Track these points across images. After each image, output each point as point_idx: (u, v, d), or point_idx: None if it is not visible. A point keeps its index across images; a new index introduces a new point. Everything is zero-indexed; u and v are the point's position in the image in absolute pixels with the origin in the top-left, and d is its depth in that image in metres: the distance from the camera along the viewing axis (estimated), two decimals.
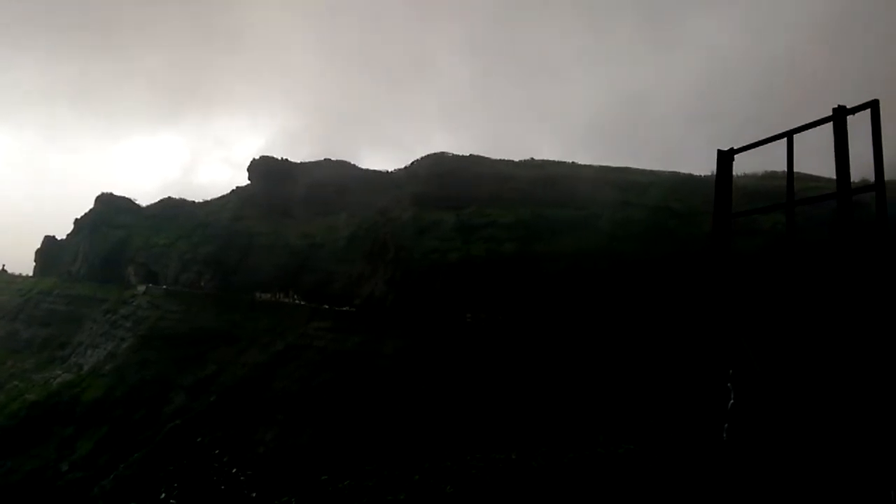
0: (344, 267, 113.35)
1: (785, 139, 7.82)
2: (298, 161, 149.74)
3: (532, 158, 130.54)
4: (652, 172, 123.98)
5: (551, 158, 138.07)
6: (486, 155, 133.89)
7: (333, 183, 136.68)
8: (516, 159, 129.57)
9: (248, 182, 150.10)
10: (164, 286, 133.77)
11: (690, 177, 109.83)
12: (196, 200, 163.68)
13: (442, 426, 75.46)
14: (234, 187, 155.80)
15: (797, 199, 8.14)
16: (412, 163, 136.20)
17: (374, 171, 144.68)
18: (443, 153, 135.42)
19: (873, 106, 6.94)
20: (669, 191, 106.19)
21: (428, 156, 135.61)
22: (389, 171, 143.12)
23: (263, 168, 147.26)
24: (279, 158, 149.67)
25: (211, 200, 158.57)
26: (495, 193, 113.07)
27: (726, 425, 11.49)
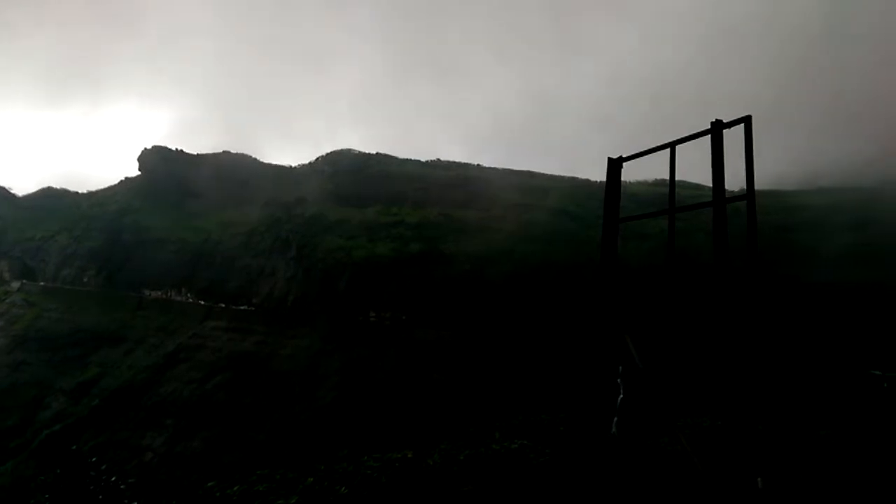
0: (242, 264, 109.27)
1: (669, 149, 8.39)
2: (195, 152, 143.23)
3: (439, 159, 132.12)
4: (553, 177, 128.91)
5: (458, 160, 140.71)
6: (394, 153, 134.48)
7: (232, 176, 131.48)
8: (423, 159, 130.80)
9: (139, 173, 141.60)
10: (42, 283, 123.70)
11: (588, 182, 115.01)
12: (80, 191, 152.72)
13: (341, 427, 74.51)
14: (123, 178, 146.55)
15: (678, 206, 8.69)
16: (317, 158, 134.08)
17: (277, 166, 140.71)
18: (349, 150, 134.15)
19: (746, 121, 7.55)
20: (569, 195, 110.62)
21: (334, 152, 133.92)
22: (293, 165, 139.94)
23: (156, 158, 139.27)
24: (173, 149, 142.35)
25: (97, 191, 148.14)
26: (402, 192, 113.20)
27: (616, 419, 12.07)
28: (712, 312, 7.46)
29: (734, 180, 7.93)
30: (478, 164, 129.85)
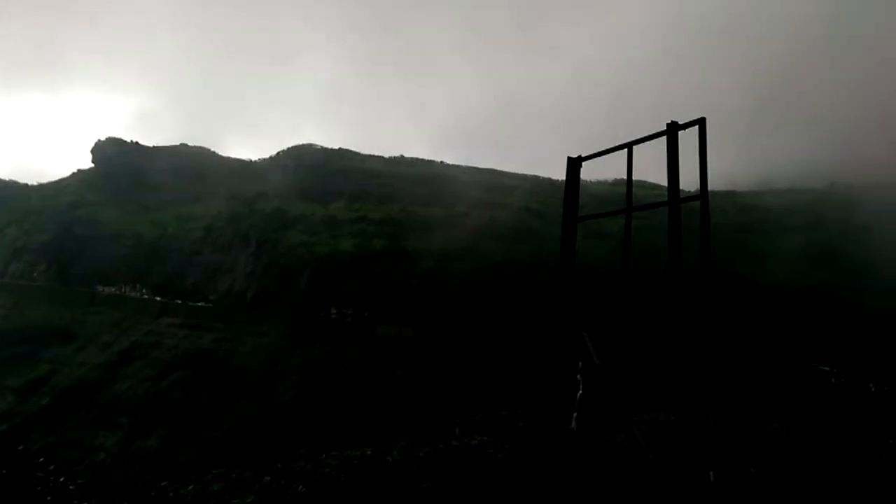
0: (200, 259, 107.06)
1: (627, 149, 8.55)
2: (151, 145, 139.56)
3: (403, 156, 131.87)
4: (517, 175, 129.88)
5: (422, 157, 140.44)
6: (357, 149, 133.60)
7: (191, 170, 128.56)
8: (387, 155, 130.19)
9: (93, 165, 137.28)
10: None
11: (551, 181, 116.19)
12: (30, 183, 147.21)
13: (301, 425, 73.79)
14: (76, 170, 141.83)
15: (635, 205, 8.86)
16: (278, 153, 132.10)
17: (237, 160, 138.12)
18: (311, 145, 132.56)
19: (701, 123, 7.75)
20: (532, 193, 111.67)
21: (296, 146, 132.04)
22: (253, 160, 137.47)
23: (111, 150, 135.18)
24: (129, 141, 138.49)
25: (48, 183, 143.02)
26: (366, 189, 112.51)
27: (575, 415, 12.24)
28: (667, 310, 7.62)
29: (693, 180, 8.13)
30: (442, 162, 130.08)
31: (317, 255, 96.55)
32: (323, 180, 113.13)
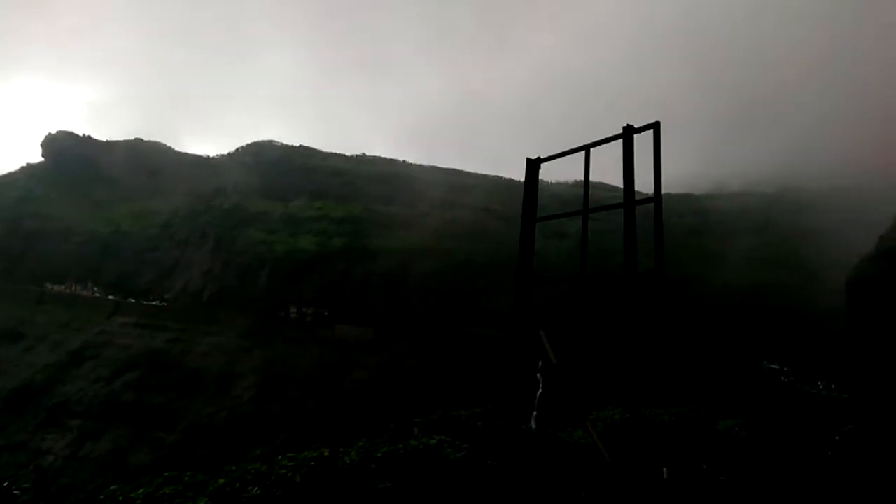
0: (155, 257, 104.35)
1: (584, 152, 8.69)
2: (105, 139, 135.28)
3: (364, 154, 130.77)
4: (478, 175, 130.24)
5: (383, 155, 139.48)
6: (318, 147, 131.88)
7: (146, 165, 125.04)
8: (349, 153, 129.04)
9: (43, 159, 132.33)
10: None
11: (511, 181, 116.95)
12: None
13: (259, 426, 72.70)
14: (25, 164, 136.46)
15: (593, 206, 9.00)
16: (237, 149, 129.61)
17: (194, 156, 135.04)
18: (271, 141, 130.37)
19: (655, 127, 7.91)
20: (493, 194, 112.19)
21: (256, 143, 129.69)
22: (211, 156, 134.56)
23: (62, 144, 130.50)
24: (81, 135, 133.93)
25: None
26: (326, 187, 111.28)
27: (535, 414, 12.36)
28: (622, 310, 7.76)
29: (652, 182, 8.27)
30: (404, 161, 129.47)
31: (276, 254, 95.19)
32: (283, 177, 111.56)
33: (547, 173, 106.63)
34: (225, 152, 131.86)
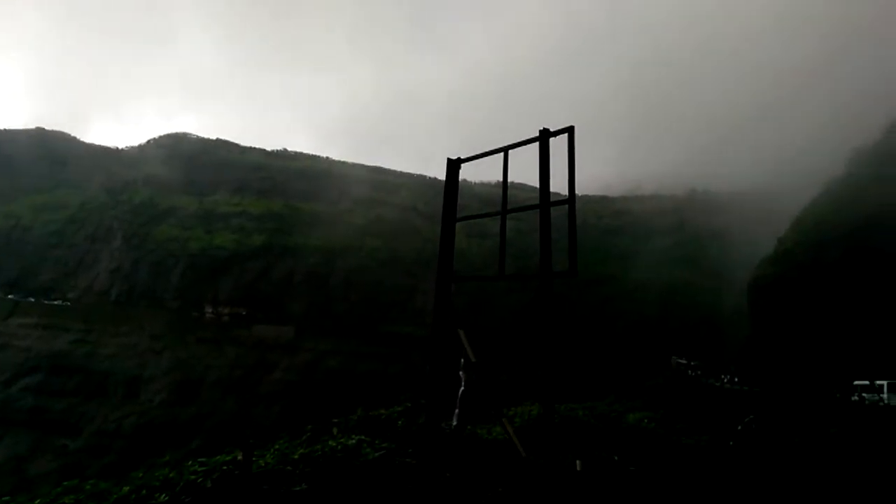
0: (57, 254, 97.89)
1: (503, 153, 8.86)
2: (2, 128, 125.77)
3: (286, 149, 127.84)
4: (403, 174, 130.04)
5: (305, 151, 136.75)
6: (236, 140, 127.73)
7: (49, 156, 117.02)
8: (269, 148, 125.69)
9: None
10: None
11: (436, 180, 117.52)
12: None
13: (170, 431, 69.80)
14: None
15: (511, 207, 9.20)
16: (149, 141, 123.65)
17: (102, 147, 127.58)
18: (185, 134, 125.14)
19: (570, 131, 8.17)
20: (418, 192, 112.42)
21: (169, 135, 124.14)
22: (121, 147, 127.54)
23: None
24: None
25: None
26: (244, 182, 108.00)
27: (456, 411, 12.47)
28: (538, 308, 7.95)
29: (580, 182, 8.50)
30: (327, 157, 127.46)
31: (190, 251, 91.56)
32: (199, 171, 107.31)
33: (471, 174, 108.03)
34: (136, 144, 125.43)
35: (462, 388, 13.62)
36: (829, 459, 19.21)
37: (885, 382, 40.79)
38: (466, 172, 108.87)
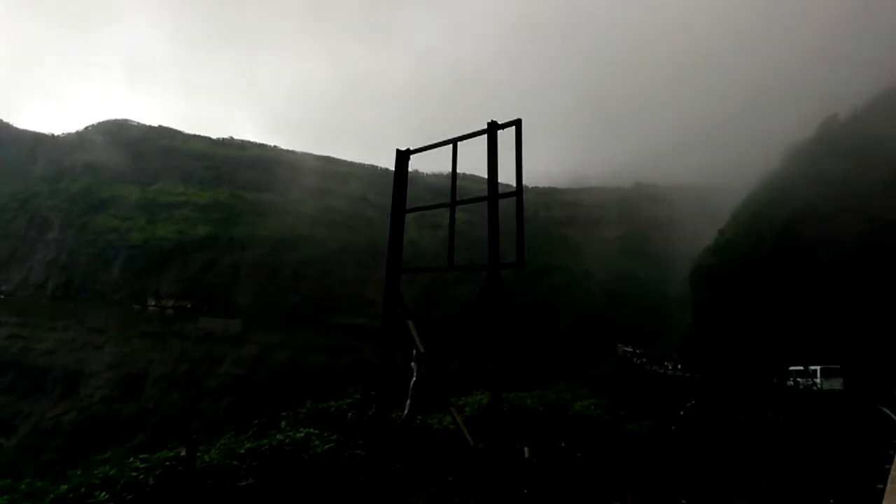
0: None
1: (452, 145, 8.88)
2: None
3: (232, 137, 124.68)
4: (354, 164, 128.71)
5: (253, 139, 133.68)
6: (180, 128, 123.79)
7: None
8: (214, 136, 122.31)
9: None
10: None
11: (388, 171, 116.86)
12: None
13: (111, 427, 67.67)
14: None
15: (462, 199, 9.25)
16: (87, 127, 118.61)
17: (36, 133, 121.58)
18: (126, 121, 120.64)
19: (517, 124, 8.26)
20: (369, 183, 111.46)
21: (109, 121, 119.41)
22: (57, 134, 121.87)
23: None
24: None
25: None
26: (188, 171, 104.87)
27: (408, 401, 12.49)
28: (485, 298, 8.03)
29: (530, 174, 8.57)
30: (275, 146, 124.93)
31: (132, 242, 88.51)
32: (140, 160, 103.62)
33: (423, 164, 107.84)
34: (75, 130, 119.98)
35: (414, 378, 13.68)
36: (763, 440, 20.15)
37: (818, 368, 42.68)
38: (419, 163, 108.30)
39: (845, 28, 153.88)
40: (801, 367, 43.93)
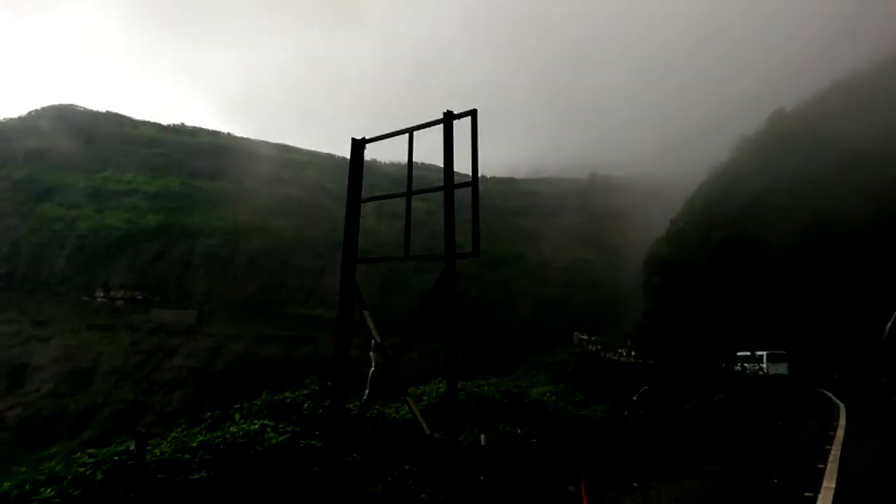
0: None
1: (408, 134, 8.86)
2: None
3: (183, 124, 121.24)
4: (311, 152, 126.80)
5: (205, 126, 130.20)
6: (129, 114, 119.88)
7: None
8: (165, 122, 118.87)
9: None
10: None
11: (346, 160, 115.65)
12: None
13: (58, 423, 65.69)
14: None
15: (420, 188, 9.26)
16: (31, 112, 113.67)
17: None
18: (71, 105, 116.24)
19: (473, 114, 8.28)
20: (326, 171, 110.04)
21: (53, 106, 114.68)
22: None
23: None
24: None
25: None
26: (138, 158, 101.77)
27: (367, 391, 12.48)
28: (440, 286, 8.07)
29: (488, 164, 8.61)
30: (229, 133, 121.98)
31: (78, 231, 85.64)
32: (87, 146, 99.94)
33: (381, 153, 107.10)
34: (17, 115, 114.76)
35: (372, 368, 13.68)
36: (712, 423, 20.88)
37: (764, 353, 44.44)
38: (377, 152, 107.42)
39: (794, 22, 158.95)
40: (749, 353, 45.65)
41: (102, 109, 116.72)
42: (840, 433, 18.03)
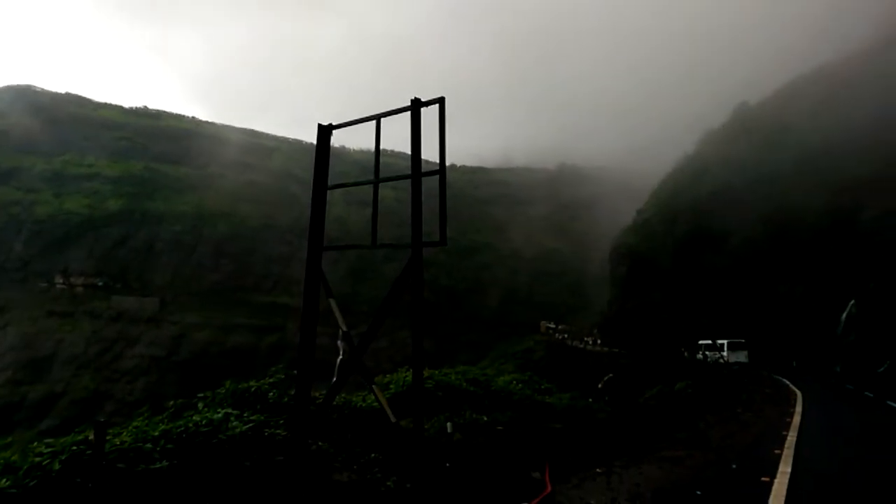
0: None
1: (375, 121, 8.79)
2: None
3: (146, 107, 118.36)
4: (279, 137, 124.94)
5: (169, 109, 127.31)
6: (89, 96, 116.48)
7: None
8: (127, 105, 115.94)
9: None
10: None
11: (314, 145, 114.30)
12: None
13: (14, 413, 64.01)
14: None
15: (387, 176, 9.19)
16: None
17: None
18: (29, 86, 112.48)
19: (441, 102, 8.25)
20: (294, 157, 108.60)
21: (10, 87, 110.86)
22: None
23: None
24: None
25: None
26: (99, 141, 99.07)
27: (334, 380, 12.41)
28: (407, 274, 8.04)
29: (452, 153, 8.59)
30: (193, 117, 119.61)
31: (36, 216, 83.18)
32: (45, 129, 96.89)
33: (350, 140, 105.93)
34: None
35: (340, 357, 13.58)
36: (673, 410, 21.35)
37: (725, 342, 45.59)
38: (346, 139, 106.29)
39: (757, 18, 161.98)
40: (710, 342, 46.77)
41: (63, 91, 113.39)
42: (796, 419, 18.62)
